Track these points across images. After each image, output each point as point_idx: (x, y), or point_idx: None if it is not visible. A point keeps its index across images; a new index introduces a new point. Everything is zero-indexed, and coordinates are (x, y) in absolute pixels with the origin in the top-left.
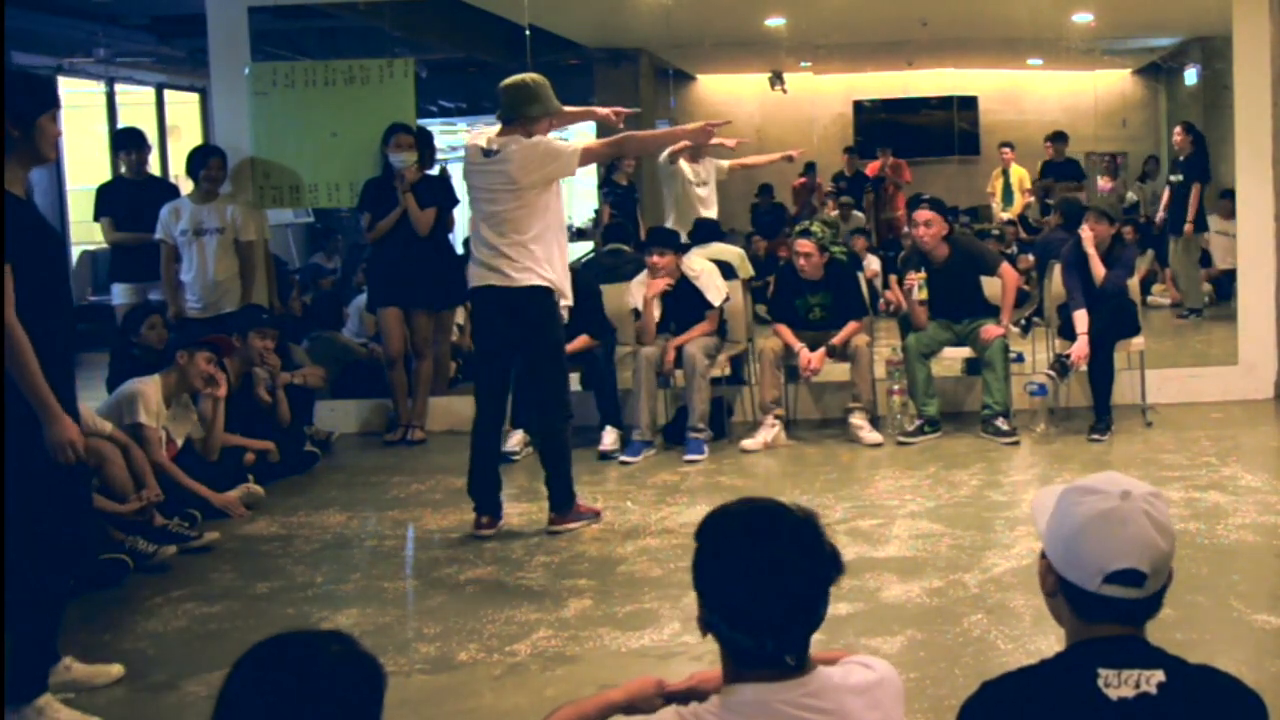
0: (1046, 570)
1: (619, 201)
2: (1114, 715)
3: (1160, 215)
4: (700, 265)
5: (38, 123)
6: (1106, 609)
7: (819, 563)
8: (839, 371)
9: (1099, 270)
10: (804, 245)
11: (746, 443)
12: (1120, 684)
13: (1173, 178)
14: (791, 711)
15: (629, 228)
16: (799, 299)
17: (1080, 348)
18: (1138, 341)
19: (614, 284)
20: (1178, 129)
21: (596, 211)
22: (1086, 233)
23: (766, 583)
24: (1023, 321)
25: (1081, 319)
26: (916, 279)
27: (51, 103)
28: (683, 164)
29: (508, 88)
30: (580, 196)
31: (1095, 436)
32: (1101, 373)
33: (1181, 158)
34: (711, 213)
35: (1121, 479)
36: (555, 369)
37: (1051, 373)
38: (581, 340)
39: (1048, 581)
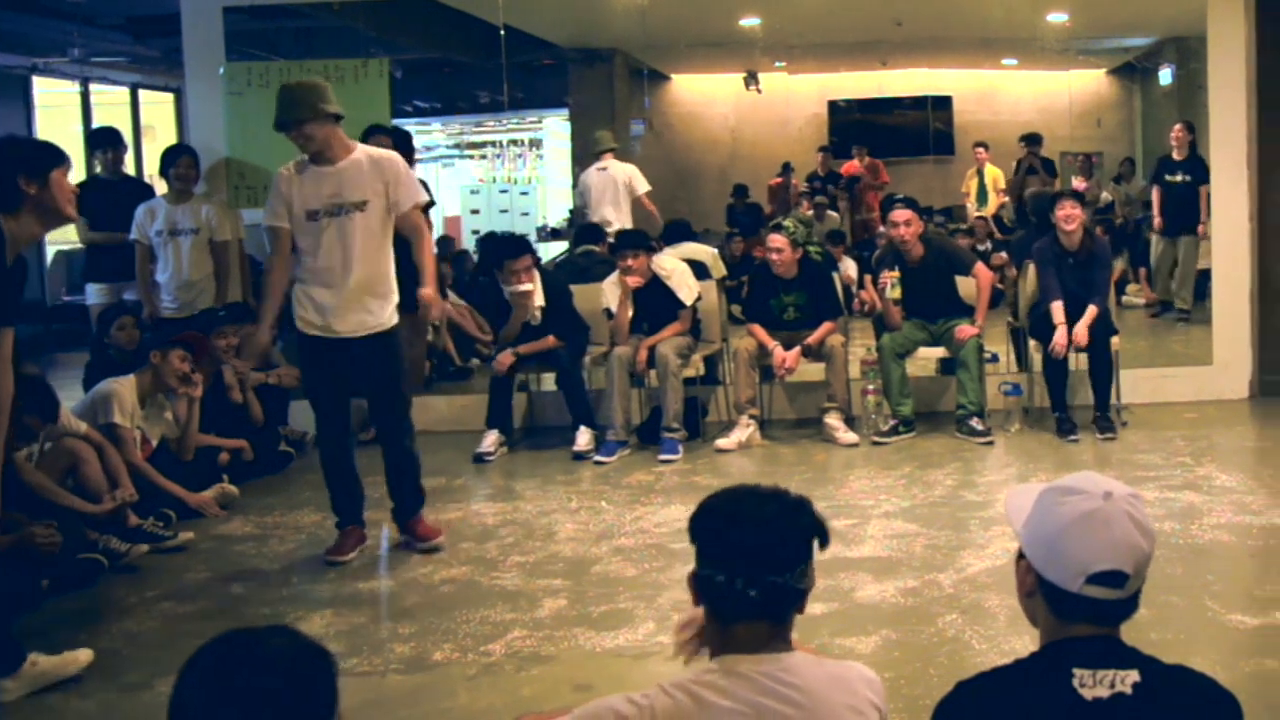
0: (1026, 570)
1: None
2: (1089, 715)
3: (1157, 217)
4: (672, 265)
5: (51, 176)
6: (1086, 609)
7: (803, 513)
8: (814, 371)
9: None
10: (776, 240)
11: (721, 442)
12: (1095, 684)
13: (1169, 177)
14: (766, 683)
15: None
16: (773, 299)
17: (1061, 337)
18: (1113, 341)
19: (586, 284)
20: (1177, 127)
21: (571, 211)
22: (1066, 212)
23: (750, 516)
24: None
25: (1058, 309)
26: (890, 277)
27: (62, 159)
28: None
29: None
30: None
31: (1104, 435)
32: (1100, 369)
33: (1179, 157)
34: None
35: (1101, 479)
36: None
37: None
38: (547, 341)
39: (1027, 582)
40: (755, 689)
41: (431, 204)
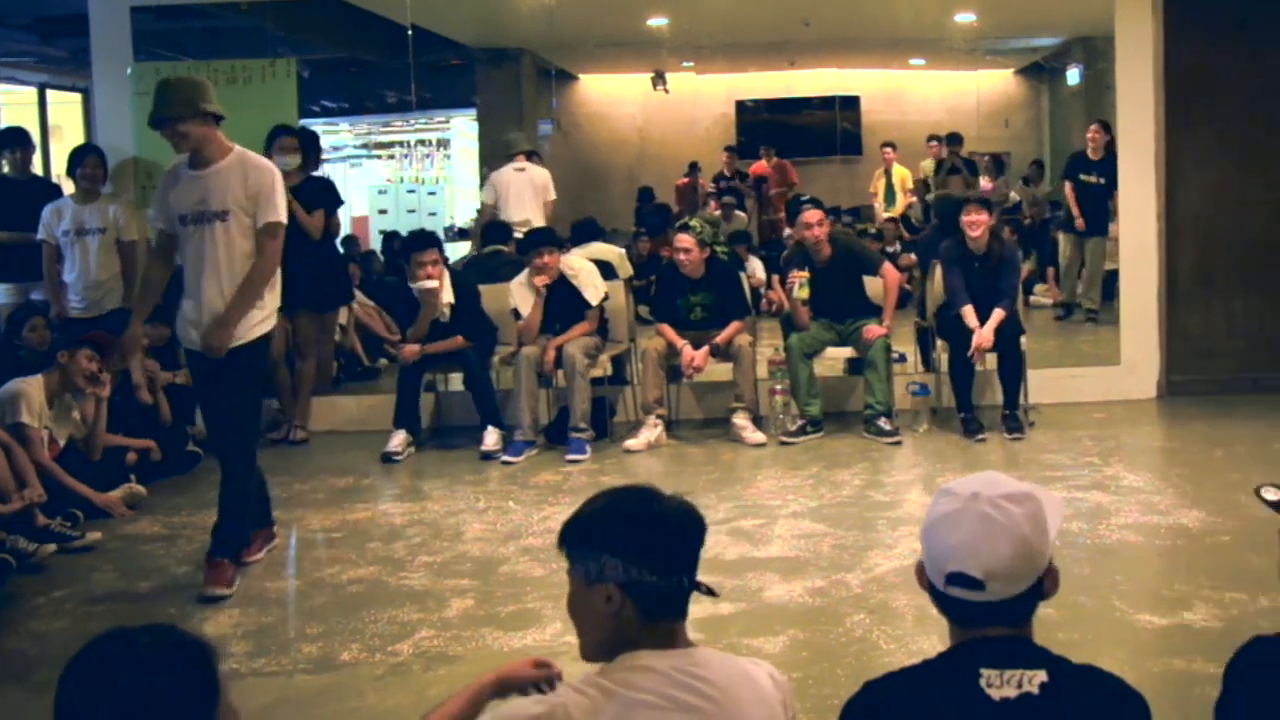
0: (918, 569)
1: None
2: (996, 715)
3: (1078, 217)
4: (579, 265)
5: None
6: (953, 610)
7: (695, 513)
8: (721, 371)
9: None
10: (683, 240)
11: (629, 443)
12: (1003, 684)
13: (1084, 176)
14: (678, 676)
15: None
16: (681, 298)
17: (978, 340)
18: (1021, 341)
19: (494, 284)
20: (1094, 127)
21: (479, 212)
22: (971, 219)
23: (667, 521)
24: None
25: (970, 314)
26: (799, 277)
27: None
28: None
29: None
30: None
31: (1012, 435)
32: (1009, 369)
33: (1096, 157)
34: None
35: (992, 480)
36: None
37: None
38: (455, 341)
39: (922, 580)
40: (668, 682)
41: (340, 204)
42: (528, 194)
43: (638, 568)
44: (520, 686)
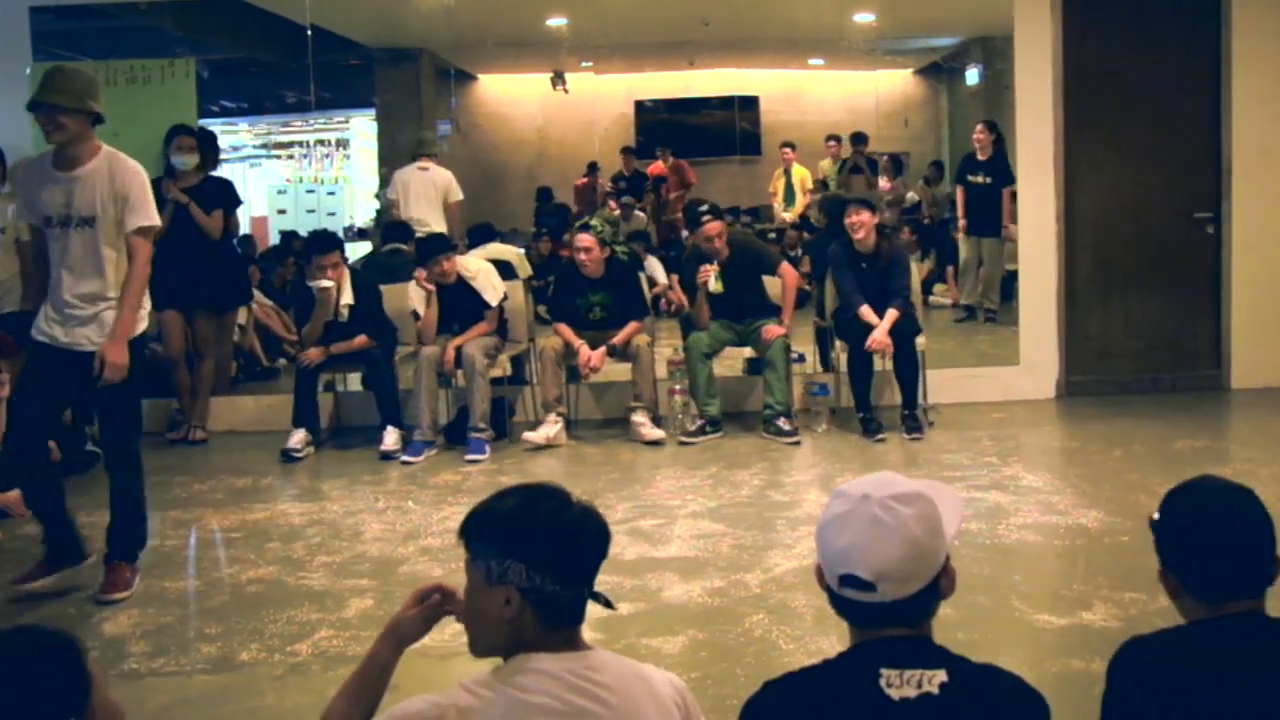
0: (818, 570)
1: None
2: (896, 715)
3: (961, 218)
4: (477, 265)
5: None
6: (848, 610)
7: (601, 522)
8: (620, 371)
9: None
10: (584, 239)
11: (529, 435)
12: (903, 684)
13: (972, 177)
14: (574, 680)
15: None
16: (580, 298)
17: (877, 334)
18: (919, 340)
19: (393, 284)
20: (980, 127)
21: (378, 212)
22: (852, 220)
23: (576, 531)
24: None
25: (868, 312)
26: (711, 270)
27: None
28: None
29: None
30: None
31: (912, 435)
32: (907, 369)
33: (983, 157)
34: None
35: (884, 481)
36: None
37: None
38: (359, 340)
39: (819, 581)
40: (563, 686)
41: (239, 204)
42: (427, 195)
43: (541, 575)
44: (415, 634)
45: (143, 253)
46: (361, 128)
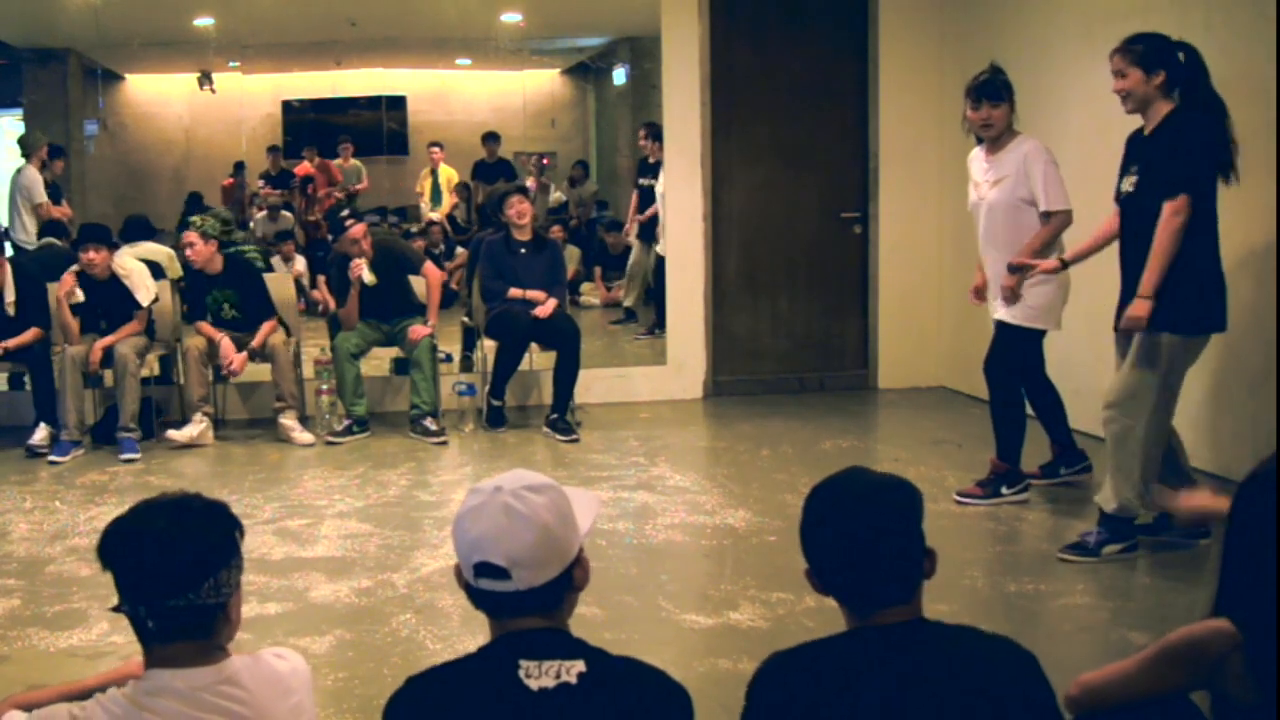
0: (456, 569)
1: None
2: (534, 705)
3: (630, 221)
4: (131, 265)
5: None
6: (486, 603)
7: (209, 520)
8: (264, 371)
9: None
10: (186, 236)
11: (172, 432)
12: (541, 674)
13: (642, 180)
14: (206, 697)
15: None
16: (207, 295)
17: (535, 295)
18: (579, 344)
19: (52, 281)
20: (642, 131)
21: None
22: (517, 209)
23: (146, 537)
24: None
25: (518, 291)
26: (362, 263)
27: None
28: None
29: None
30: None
31: (566, 437)
32: (568, 371)
33: (654, 161)
34: None
35: (516, 475)
36: None
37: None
38: (32, 333)
39: (458, 579)
40: (191, 704)
41: None
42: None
43: (120, 595)
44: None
45: None
46: (9, 127)
